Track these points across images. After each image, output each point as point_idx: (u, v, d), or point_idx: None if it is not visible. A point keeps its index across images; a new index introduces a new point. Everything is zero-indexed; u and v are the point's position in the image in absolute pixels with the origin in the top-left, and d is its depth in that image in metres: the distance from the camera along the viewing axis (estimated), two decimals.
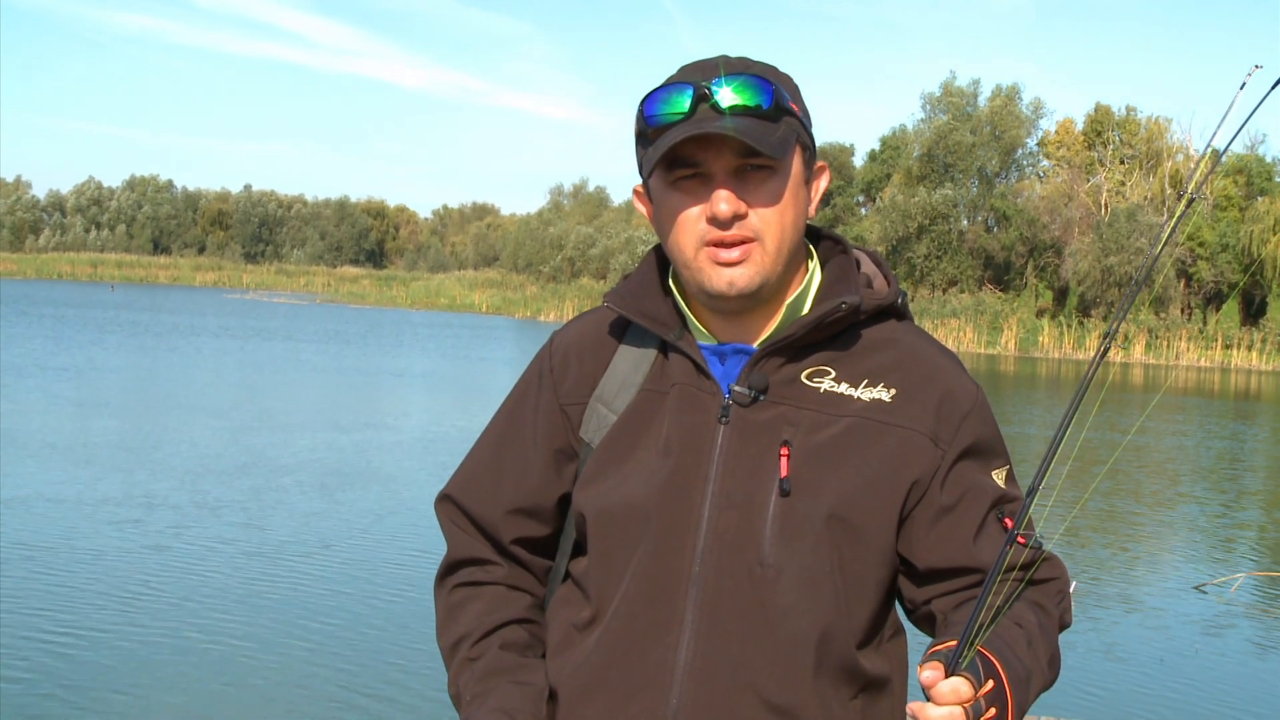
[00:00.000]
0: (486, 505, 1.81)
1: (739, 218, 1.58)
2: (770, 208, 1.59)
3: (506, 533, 1.79)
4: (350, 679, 6.72)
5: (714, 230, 1.59)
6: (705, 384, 1.67)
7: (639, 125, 1.63)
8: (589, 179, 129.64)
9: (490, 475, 1.81)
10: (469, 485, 1.84)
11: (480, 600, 1.78)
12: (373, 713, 6.25)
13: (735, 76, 1.58)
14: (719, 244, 1.59)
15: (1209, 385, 35.77)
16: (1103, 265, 48.52)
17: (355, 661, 7.01)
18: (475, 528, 1.82)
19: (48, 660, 6.73)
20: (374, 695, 6.48)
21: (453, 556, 1.85)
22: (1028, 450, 16.51)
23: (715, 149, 1.57)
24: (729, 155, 1.57)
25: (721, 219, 1.57)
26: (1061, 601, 1.66)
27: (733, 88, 1.56)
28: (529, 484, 1.78)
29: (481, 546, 1.82)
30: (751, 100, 1.56)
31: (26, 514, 10.26)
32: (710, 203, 1.58)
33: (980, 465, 1.66)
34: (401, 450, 15.14)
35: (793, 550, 1.59)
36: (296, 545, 9.67)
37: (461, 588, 1.81)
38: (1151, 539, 12.33)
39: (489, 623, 1.75)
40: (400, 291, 75.30)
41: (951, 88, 56.40)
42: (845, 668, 1.61)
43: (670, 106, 1.58)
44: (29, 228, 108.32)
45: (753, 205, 1.59)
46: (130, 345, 30.28)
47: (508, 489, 1.79)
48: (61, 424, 15.82)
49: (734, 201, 1.57)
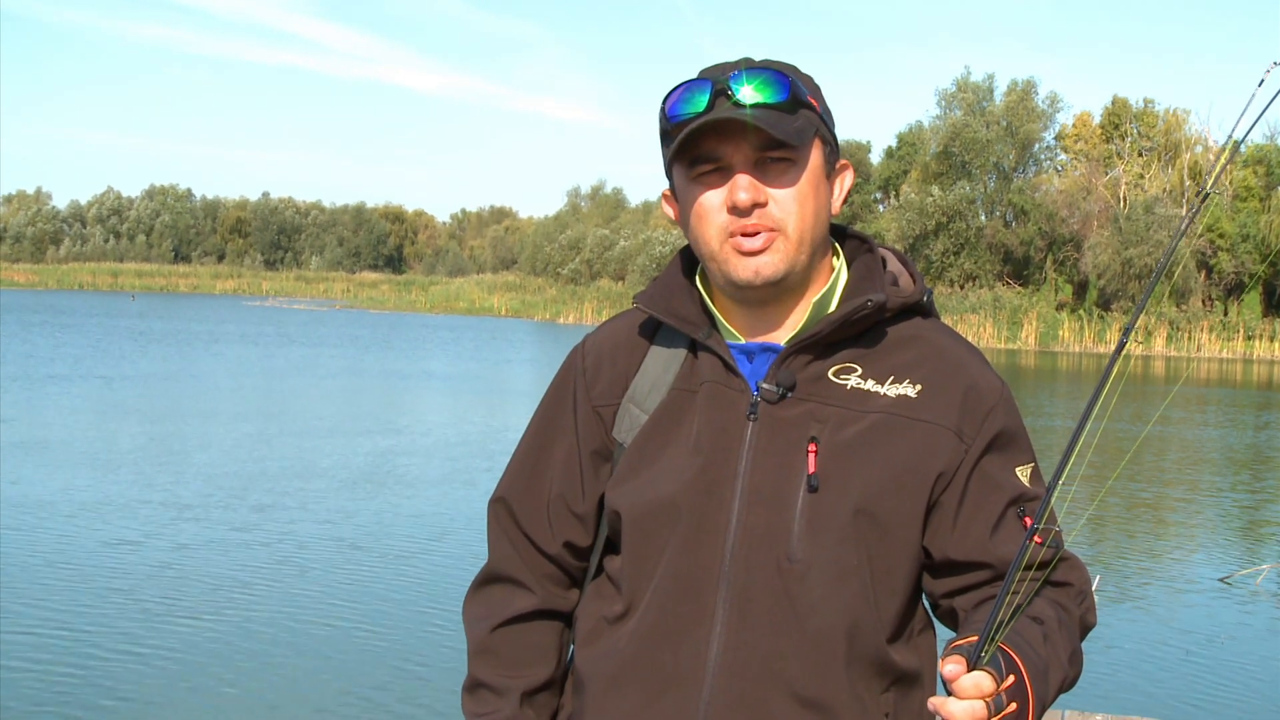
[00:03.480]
0: (534, 510, 1.83)
1: (759, 206, 1.61)
2: (790, 197, 1.62)
3: (555, 537, 1.81)
4: (376, 679, 6.76)
5: (736, 220, 1.61)
6: (734, 382, 1.69)
7: (662, 124, 1.66)
8: (606, 181, 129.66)
9: (538, 479, 1.83)
10: (519, 490, 1.86)
11: (512, 646, 1.84)
12: (397, 713, 6.30)
13: (754, 73, 1.61)
14: (741, 233, 1.62)
15: (1231, 376, 35.57)
16: (1122, 258, 48.27)
17: (382, 662, 7.05)
18: (523, 535, 1.84)
19: (72, 661, 6.80)
20: (403, 698, 6.52)
21: (491, 569, 1.88)
22: (1049, 443, 16.46)
23: (734, 142, 1.60)
24: (748, 148, 1.60)
25: (741, 207, 1.60)
26: (1083, 602, 1.66)
27: (752, 85, 1.60)
28: (574, 487, 1.80)
29: (520, 564, 1.84)
30: (769, 95, 1.59)
31: (49, 518, 10.36)
32: (729, 191, 1.61)
33: (1004, 460, 1.68)
34: (428, 453, 15.19)
35: (821, 545, 1.61)
36: (326, 546, 9.73)
37: (500, 630, 1.84)
38: (1176, 531, 12.29)
39: (515, 685, 1.83)
40: (419, 296, 75.47)
41: (966, 83, 56.24)
42: (875, 661, 1.63)
43: (690, 104, 1.61)
44: (49, 239, 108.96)
45: (774, 195, 1.61)
46: (154, 353, 30.45)
47: (555, 493, 1.81)
48: (86, 431, 15.93)
49: (753, 189, 1.60)
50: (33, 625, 7.47)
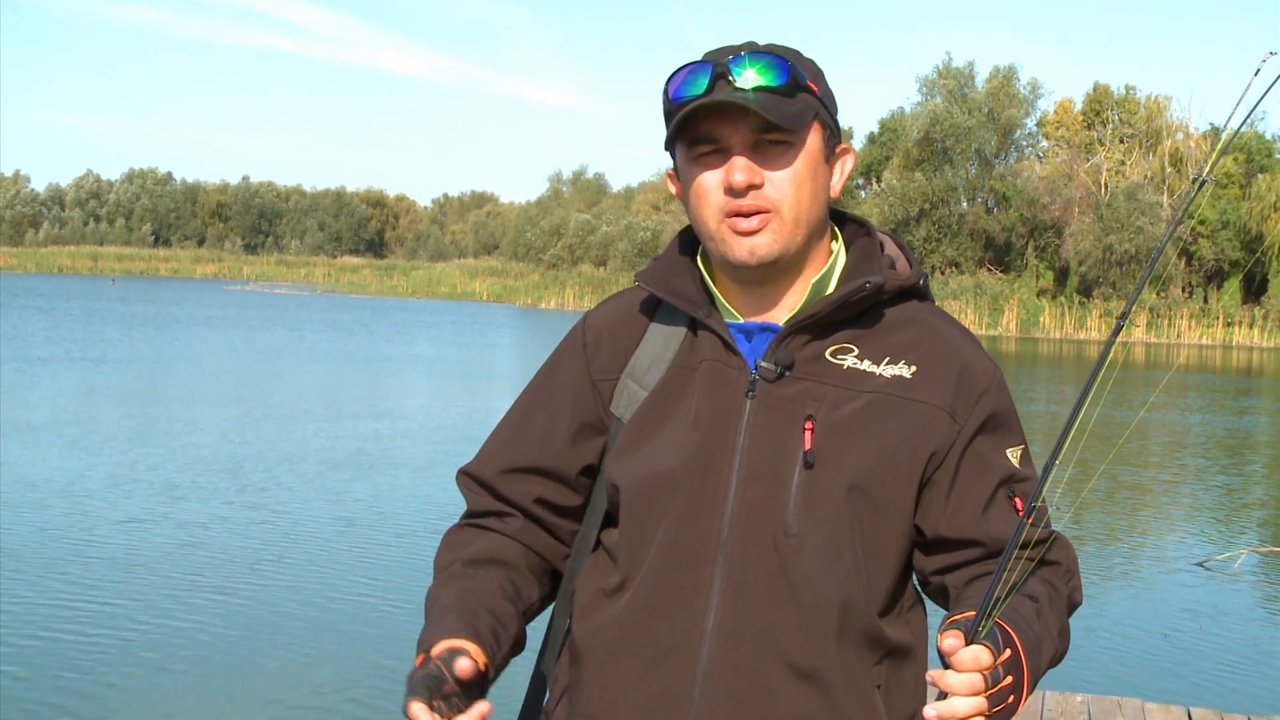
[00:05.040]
0: (505, 468, 1.85)
1: (754, 187, 1.64)
2: (787, 179, 1.65)
3: (526, 492, 1.83)
4: (362, 665, 6.79)
5: (732, 201, 1.64)
6: (733, 360, 1.72)
7: (664, 105, 1.69)
8: (588, 165, 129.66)
9: (514, 439, 1.86)
10: (489, 454, 1.88)
11: (481, 540, 1.82)
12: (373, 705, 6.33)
13: (756, 57, 1.64)
14: (737, 214, 1.65)
15: (1211, 363, 35.80)
16: (1104, 245, 48.46)
17: (369, 647, 7.08)
18: (490, 491, 1.85)
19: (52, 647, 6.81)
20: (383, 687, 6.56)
21: (468, 509, 1.89)
22: (1031, 428, 16.54)
23: (733, 123, 1.63)
24: (745, 130, 1.63)
25: (737, 188, 1.63)
26: (1071, 580, 1.71)
27: (754, 68, 1.63)
28: (552, 448, 1.82)
29: (498, 505, 1.85)
30: (769, 79, 1.62)
31: (28, 500, 10.34)
32: (726, 172, 1.64)
33: (995, 441, 1.71)
34: (413, 434, 15.20)
35: (815, 520, 1.64)
36: (310, 527, 9.75)
37: (469, 527, 1.85)
38: (1155, 516, 12.40)
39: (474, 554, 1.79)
40: (401, 281, 75.26)
41: (948, 70, 56.27)
42: (867, 634, 1.67)
43: (691, 86, 1.65)
44: (28, 222, 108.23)
45: (771, 177, 1.64)
46: (136, 337, 30.33)
47: (530, 451, 1.84)
48: (68, 414, 15.88)
49: (749, 171, 1.63)
50: (12, 609, 7.48)
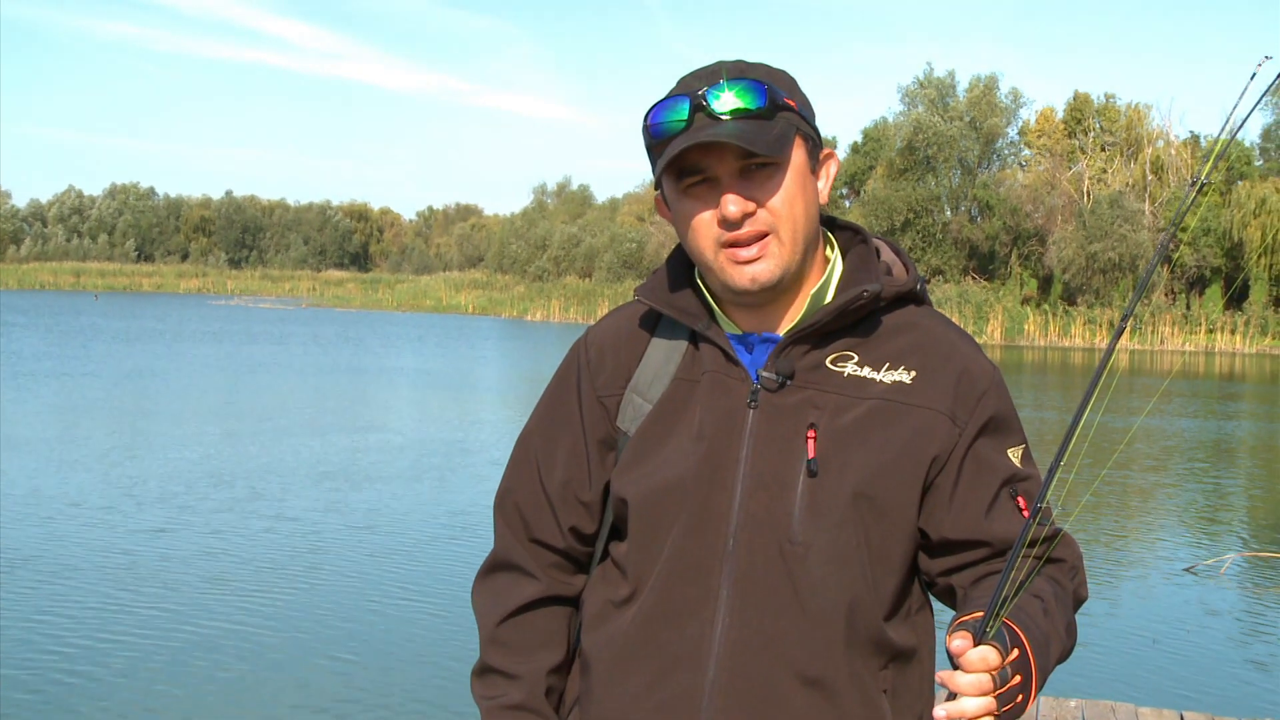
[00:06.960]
0: (538, 499, 1.87)
1: (749, 216, 1.65)
2: (779, 201, 1.66)
3: (561, 525, 1.85)
4: (359, 676, 6.78)
5: (728, 232, 1.66)
6: (734, 371, 1.74)
7: (645, 139, 1.71)
8: (572, 177, 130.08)
9: (543, 470, 1.87)
10: (522, 481, 1.90)
11: (520, 635, 1.87)
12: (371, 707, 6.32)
13: (732, 82, 1.65)
14: (735, 244, 1.67)
15: (1194, 369, 35.96)
16: (1087, 252, 48.72)
17: (364, 660, 7.07)
18: (526, 525, 1.88)
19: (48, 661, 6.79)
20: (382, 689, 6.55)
21: (496, 556, 1.92)
22: None
23: (717, 154, 1.65)
24: (731, 159, 1.65)
25: (732, 220, 1.64)
26: (1075, 577, 1.73)
27: (731, 91, 1.64)
28: (581, 475, 1.84)
29: (524, 553, 1.88)
30: (747, 103, 1.63)
31: (15, 516, 10.30)
32: (720, 206, 1.65)
33: (996, 442, 1.73)
34: (399, 447, 15.18)
35: (820, 527, 1.66)
36: (303, 541, 9.73)
37: (508, 621, 1.88)
38: (1142, 521, 12.45)
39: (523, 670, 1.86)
40: (386, 294, 75.23)
41: (929, 79, 56.52)
42: (874, 639, 1.68)
43: (670, 117, 1.66)
44: (10, 238, 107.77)
45: (762, 202, 1.66)
46: (120, 353, 30.22)
47: (560, 481, 1.85)
48: (53, 429, 15.82)
49: (741, 203, 1.64)
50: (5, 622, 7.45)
